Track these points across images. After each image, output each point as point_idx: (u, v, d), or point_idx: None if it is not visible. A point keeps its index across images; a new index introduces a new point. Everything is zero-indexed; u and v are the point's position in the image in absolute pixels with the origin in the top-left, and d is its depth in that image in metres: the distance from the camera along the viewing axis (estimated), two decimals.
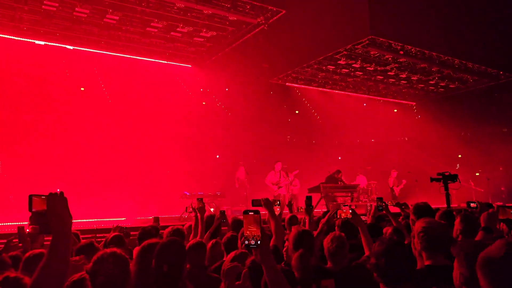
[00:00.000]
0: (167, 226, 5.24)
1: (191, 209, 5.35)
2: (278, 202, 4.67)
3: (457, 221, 3.59)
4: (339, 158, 17.92)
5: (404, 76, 15.44)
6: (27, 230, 3.82)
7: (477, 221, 3.50)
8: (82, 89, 13.51)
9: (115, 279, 2.08)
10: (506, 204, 3.49)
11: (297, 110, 18.42)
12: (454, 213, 3.99)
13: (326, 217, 4.44)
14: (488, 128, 18.21)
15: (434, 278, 2.58)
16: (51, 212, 1.70)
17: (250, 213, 2.00)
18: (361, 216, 6.77)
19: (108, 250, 2.18)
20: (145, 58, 13.89)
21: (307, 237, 3.43)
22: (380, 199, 5.20)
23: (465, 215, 3.70)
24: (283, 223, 5.25)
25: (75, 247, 3.51)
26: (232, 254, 3.23)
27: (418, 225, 2.81)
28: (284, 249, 3.60)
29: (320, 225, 4.31)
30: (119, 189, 12.24)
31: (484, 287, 1.57)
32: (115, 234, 4.26)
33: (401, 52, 12.88)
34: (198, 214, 4.88)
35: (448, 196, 6.01)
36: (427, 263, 2.73)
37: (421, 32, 12.40)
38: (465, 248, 2.02)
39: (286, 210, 8.57)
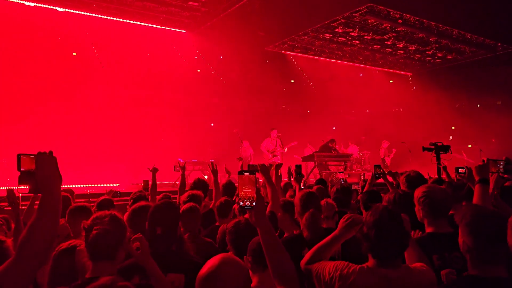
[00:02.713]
0: (159, 192, 5.29)
1: (178, 168, 5.42)
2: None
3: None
4: (334, 128, 17.94)
5: (401, 46, 15.25)
6: (19, 194, 3.80)
7: (462, 187, 3.55)
8: (74, 54, 13.23)
9: (109, 235, 2.07)
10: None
11: (292, 80, 18.25)
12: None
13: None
14: (483, 100, 18.22)
15: (437, 246, 2.53)
16: (40, 171, 1.67)
17: (245, 174, 1.90)
18: (353, 184, 6.86)
19: (107, 212, 2.17)
20: (138, 22, 13.53)
21: (314, 198, 3.45)
22: (378, 166, 5.18)
23: (449, 183, 3.75)
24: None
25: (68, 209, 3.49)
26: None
27: (418, 191, 2.76)
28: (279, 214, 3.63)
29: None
30: (113, 155, 12.22)
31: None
32: (104, 198, 4.25)
33: (400, 21, 12.66)
34: (212, 177, 5.05)
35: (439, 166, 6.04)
36: (428, 230, 2.67)
37: (420, 0, 12.16)
38: (467, 216, 1.99)
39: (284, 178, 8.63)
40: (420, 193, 2.74)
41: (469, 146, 16.69)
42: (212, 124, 15.30)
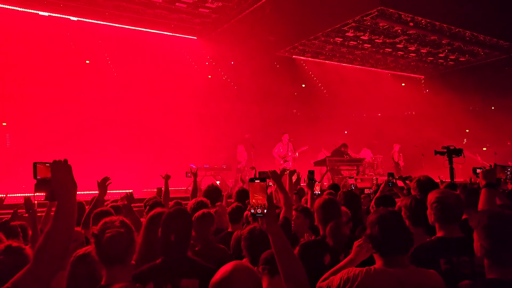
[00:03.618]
0: (172, 199, 5.33)
1: (190, 174, 5.45)
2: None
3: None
4: (345, 132, 17.84)
5: (413, 48, 15.13)
6: (35, 201, 3.87)
7: (476, 192, 3.50)
8: (87, 61, 13.43)
9: (122, 237, 2.09)
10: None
11: (303, 84, 18.25)
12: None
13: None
14: (497, 103, 17.96)
15: (444, 250, 2.51)
16: (56, 179, 1.71)
17: (256, 181, 1.91)
18: (365, 189, 6.81)
19: (115, 217, 2.20)
20: (150, 30, 13.72)
21: (336, 205, 3.44)
22: (391, 174, 5.07)
23: (463, 186, 3.70)
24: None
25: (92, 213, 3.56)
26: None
27: (431, 196, 2.75)
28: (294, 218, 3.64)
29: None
30: (126, 161, 12.32)
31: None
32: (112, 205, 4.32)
33: (411, 24, 12.56)
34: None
35: (452, 170, 5.97)
36: (439, 234, 2.66)
37: (431, 2, 12.05)
38: (484, 220, 1.99)
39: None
40: (433, 198, 2.72)
41: (484, 149, 16.45)
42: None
